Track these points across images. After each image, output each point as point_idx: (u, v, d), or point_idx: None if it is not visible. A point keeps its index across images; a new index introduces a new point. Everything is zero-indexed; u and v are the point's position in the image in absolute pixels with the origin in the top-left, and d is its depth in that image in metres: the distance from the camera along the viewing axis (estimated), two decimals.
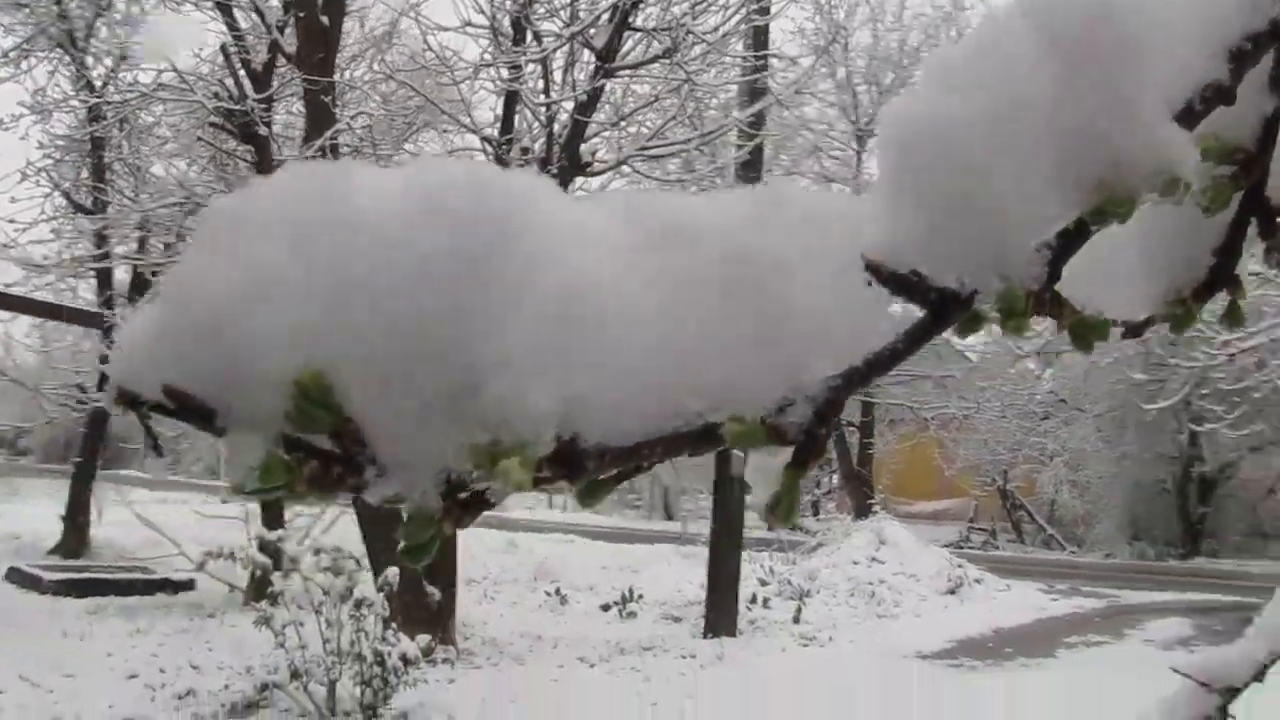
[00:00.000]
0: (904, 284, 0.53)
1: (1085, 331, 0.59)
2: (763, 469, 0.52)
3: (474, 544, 17.04)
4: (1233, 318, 0.75)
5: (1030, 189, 0.54)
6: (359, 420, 0.44)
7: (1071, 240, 0.55)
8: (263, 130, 11.32)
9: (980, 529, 28.91)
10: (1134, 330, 0.75)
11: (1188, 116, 0.59)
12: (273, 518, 12.98)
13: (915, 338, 0.53)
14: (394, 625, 8.63)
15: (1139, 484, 26.79)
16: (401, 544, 0.45)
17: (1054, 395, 27.91)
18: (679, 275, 0.50)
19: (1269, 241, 0.73)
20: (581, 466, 0.47)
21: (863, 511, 21.81)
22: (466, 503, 0.46)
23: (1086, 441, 27.12)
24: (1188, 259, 0.73)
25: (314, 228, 0.45)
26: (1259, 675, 1.37)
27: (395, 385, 0.44)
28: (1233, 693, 1.34)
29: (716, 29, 12.48)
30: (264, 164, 11.39)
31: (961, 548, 24.27)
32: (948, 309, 0.53)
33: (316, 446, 0.45)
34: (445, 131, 12.54)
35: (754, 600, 14.63)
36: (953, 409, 27.24)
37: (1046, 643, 13.25)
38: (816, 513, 30.32)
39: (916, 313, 0.53)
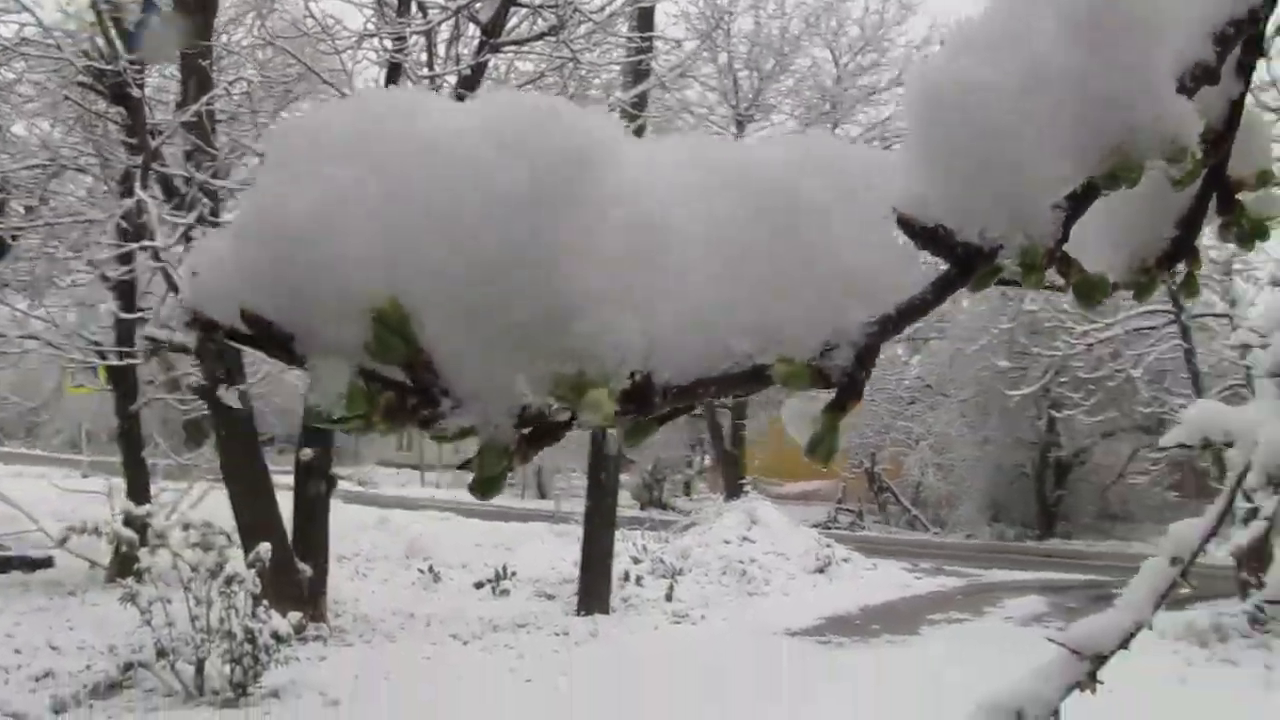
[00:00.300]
0: (932, 237, 0.55)
1: (1090, 290, 0.62)
2: (801, 412, 0.54)
3: (345, 521, 16.79)
4: (1189, 288, 0.80)
5: (1049, 152, 0.56)
6: (432, 351, 0.45)
7: (1081, 202, 0.58)
8: (135, 92, 10.90)
9: (848, 510, 29.58)
10: None
11: (1180, 93, 0.63)
12: (138, 492, 12.61)
13: (943, 288, 0.55)
14: (265, 602, 8.47)
15: (1000, 468, 27.71)
16: (473, 477, 0.45)
17: (921, 381, 28.73)
18: (732, 216, 0.52)
19: (1225, 217, 0.78)
20: (651, 402, 0.48)
21: (734, 492, 22.11)
22: (534, 437, 0.46)
23: (951, 426, 27.92)
24: (1151, 230, 0.77)
25: (394, 154, 0.44)
26: (1124, 643, 1.45)
27: (475, 316, 0.44)
28: (1101, 659, 1.42)
29: (603, 9, 12.47)
30: (136, 127, 10.98)
31: (830, 528, 24.82)
32: (972, 262, 0.55)
33: (390, 378, 0.45)
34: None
35: (627, 578, 14.75)
36: None
37: (911, 619, 13.64)
38: (689, 492, 30.66)
39: (943, 265, 0.56)
